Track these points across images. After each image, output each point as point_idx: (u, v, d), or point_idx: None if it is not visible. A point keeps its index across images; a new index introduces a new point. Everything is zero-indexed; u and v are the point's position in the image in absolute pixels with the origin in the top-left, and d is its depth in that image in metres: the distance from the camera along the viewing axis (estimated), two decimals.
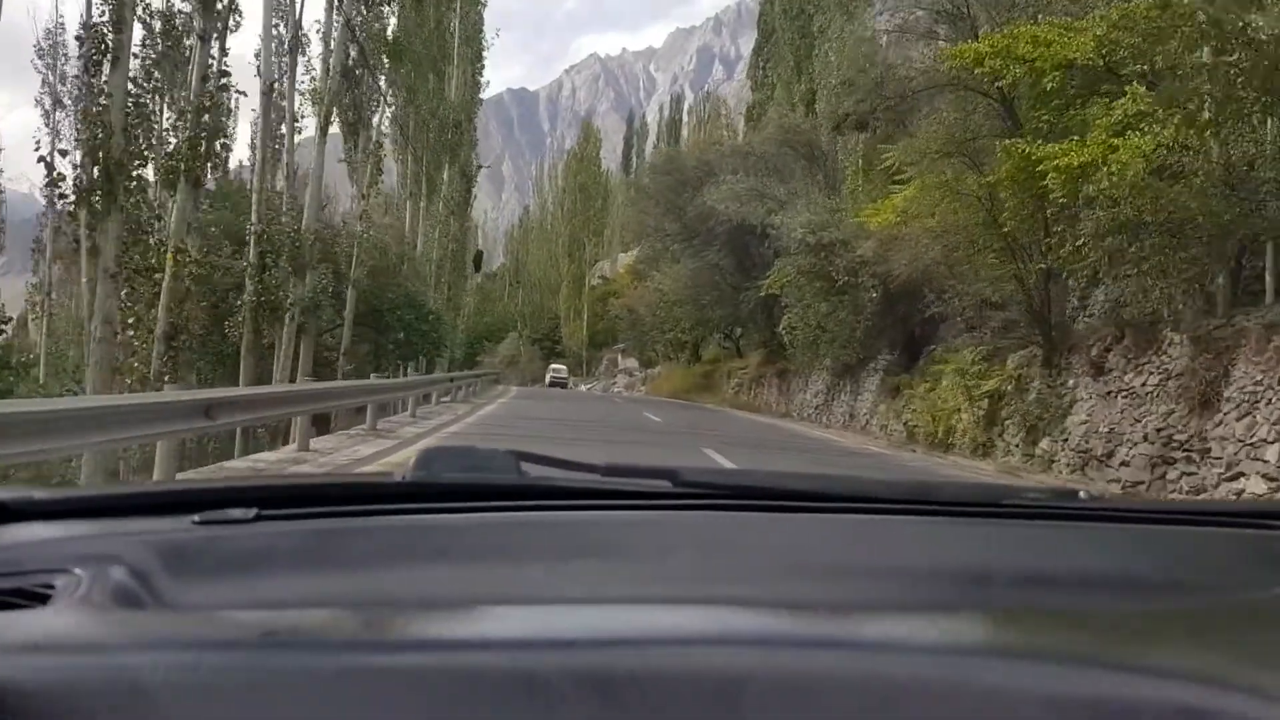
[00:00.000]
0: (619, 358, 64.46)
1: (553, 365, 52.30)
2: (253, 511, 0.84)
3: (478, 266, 42.40)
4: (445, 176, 27.14)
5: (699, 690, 0.53)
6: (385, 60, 19.30)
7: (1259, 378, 7.94)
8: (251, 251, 13.69)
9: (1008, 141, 10.08)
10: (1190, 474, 8.60)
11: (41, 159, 11.24)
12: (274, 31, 15.75)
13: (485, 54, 30.90)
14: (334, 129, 18.09)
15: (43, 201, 21.73)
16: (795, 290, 18.06)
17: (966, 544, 0.94)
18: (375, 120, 22.83)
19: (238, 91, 12.73)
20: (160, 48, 20.15)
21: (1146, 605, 0.79)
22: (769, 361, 28.09)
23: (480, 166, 47.87)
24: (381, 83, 21.26)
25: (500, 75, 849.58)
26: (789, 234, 16.45)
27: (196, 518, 0.83)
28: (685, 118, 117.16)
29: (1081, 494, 1.13)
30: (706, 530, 0.92)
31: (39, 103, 25.40)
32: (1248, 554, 0.98)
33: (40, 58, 26.25)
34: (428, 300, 22.32)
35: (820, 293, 16.64)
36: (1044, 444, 11.39)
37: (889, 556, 0.89)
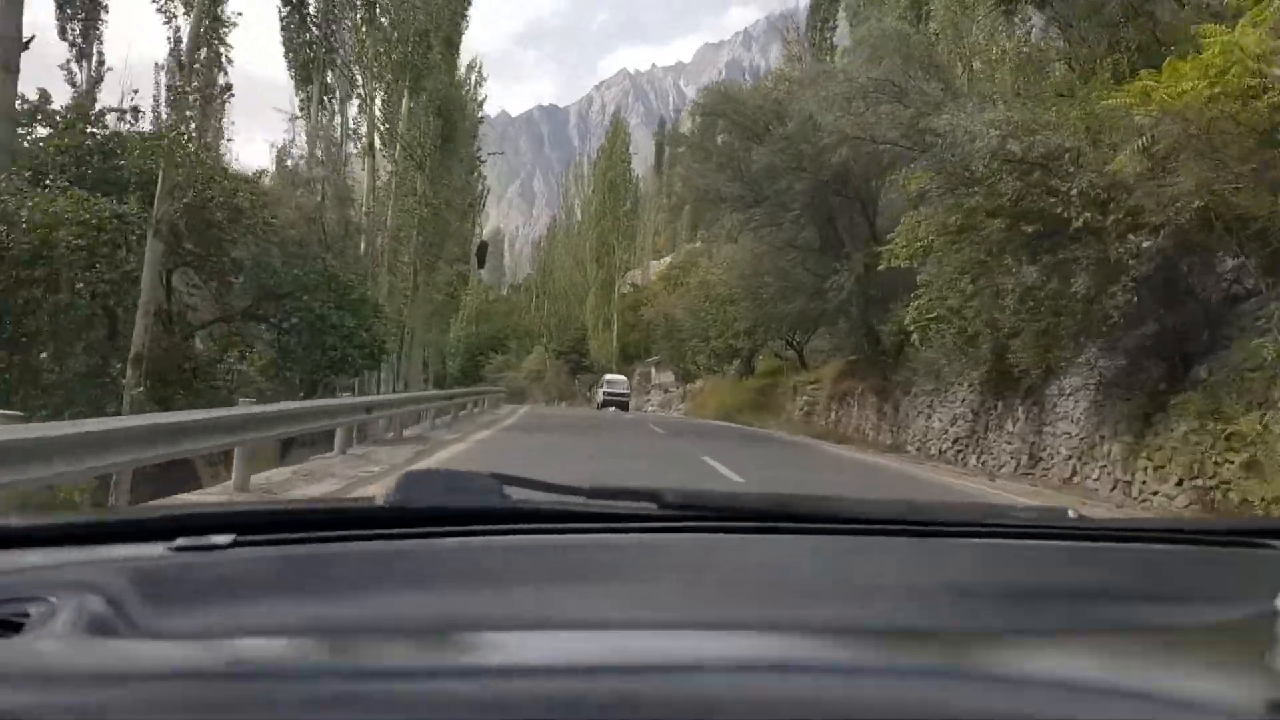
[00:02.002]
0: (652, 371, 57.76)
1: (607, 377, 40.34)
2: (230, 537, 0.83)
3: (481, 260, 35.68)
4: (404, 109, 19.94)
5: (679, 717, 0.53)
6: None
7: None
8: None
9: None
10: None
11: None
12: None
13: None
14: None
15: None
16: (949, 254, 10.97)
17: (954, 564, 0.94)
18: None
19: None
20: None
21: (1132, 624, 0.79)
22: (855, 373, 20.97)
23: (491, 153, 41.70)
24: None
25: (531, 92, 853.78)
26: (963, 147, 9.33)
27: (174, 544, 0.83)
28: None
29: (1070, 513, 1.14)
30: (693, 552, 0.91)
31: None
32: (1236, 572, 0.98)
33: None
34: (366, 287, 15.22)
35: (1023, 248, 9.49)
36: None
37: (877, 577, 0.88)
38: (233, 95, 14.32)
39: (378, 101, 18.91)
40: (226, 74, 13.11)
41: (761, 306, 22.45)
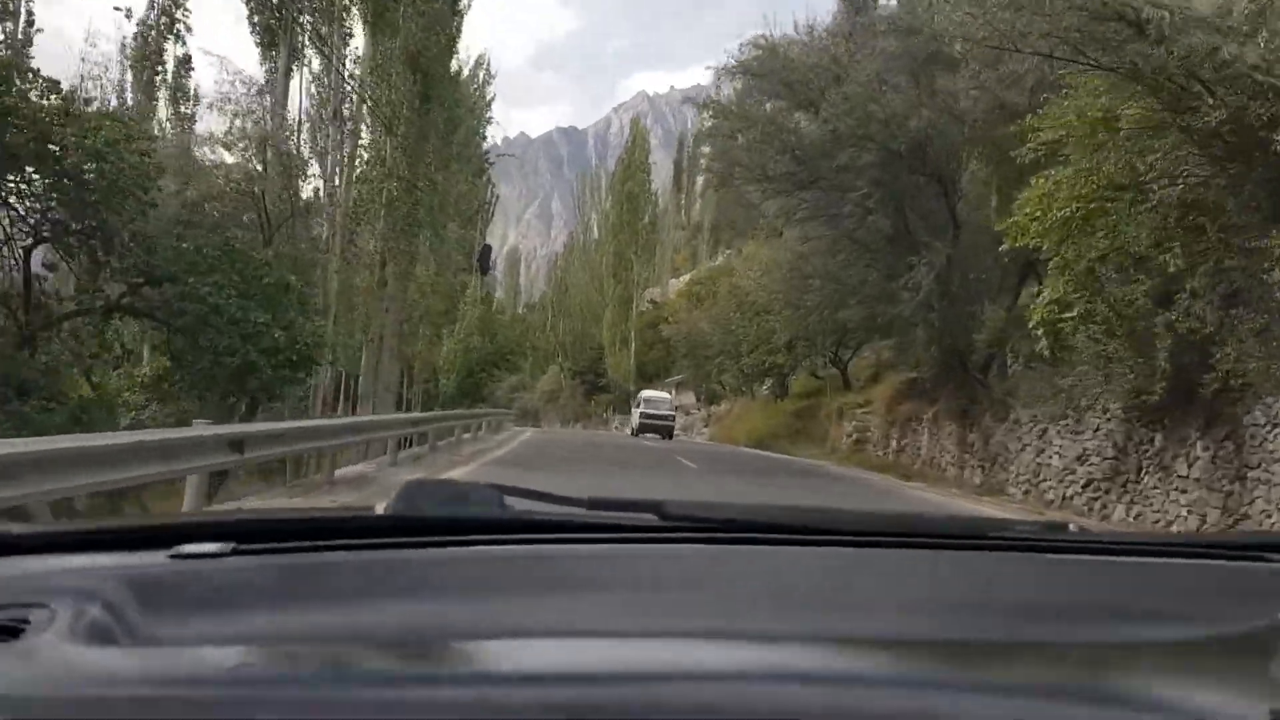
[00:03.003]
0: (673, 392, 54.23)
1: (645, 394, 30.89)
2: (229, 546, 0.83)
3: (484, 267, 32.54)
4: (367, 53, 15.83)
5: None
6: None
7: None
8: None
9: None
10: None
11: None
12: None
13: None
14: None
15: None
16: (1129, 219, 7.52)
17: (953, 577, 0.93)
18: None
19: None
20: None
21: (1133, 638, 0.79)
22: (921, 394, 17.48)
23: (501, 155, 38.68)
24: None
25: (550, 114, 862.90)
26: (1189, 42, 5.90)
27: (174, 552, 0.83)
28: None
29: (1072, 527, 1.14)
30: (692, 563, 0.91)
31: None
32: (1238, 587, 0.97)
33: None
34: (303, 274, 11.69)
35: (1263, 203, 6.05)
36: None
37: (878, 589, 0.88)
38: (193, 69, 11.55)
39: (347, 59, 15.70)
40: (184, 44, 10.35)
41: (806, 315, 18.97)
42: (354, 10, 15.80)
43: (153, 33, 16.26)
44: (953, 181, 14.69)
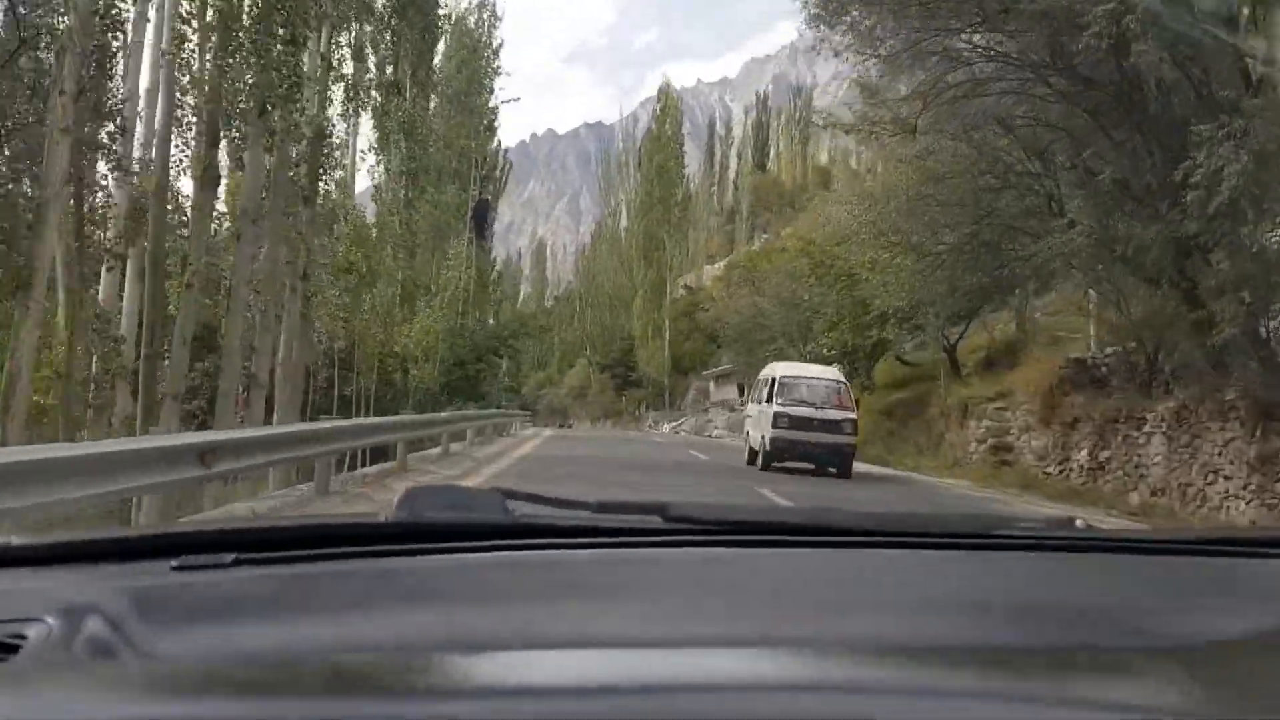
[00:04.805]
0: (711, 386, 48.40)
1: (780, 370, 13.62)
2: (230, 556, 0.82)
3: (480, 229, 26.73)
4: None
5: None
6: None
7: None
8: None
9: None
10: None
11: None
12: None
13: None
14: None
15: None
16: None
17: (959, 577, 0.93)
18: None
19: None
20: None
21: (1141, 638, 0.78)
22: (1090, 381, 11.28)
23: (506, 101, 32.90)
24: None
25: (577, 110, 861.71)
26: None
27: (174, 563, 0.82)
28: (773, 120, 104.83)
29: (1078, 523, 1.13)
30: (698, 567, 0.91)
31: None
32: (1244, 583, 0.96)
33: None
34: None
35: None
36: None
37: (881, 591, 0.88)
38: None
39: None
40: None
41: (933, 268, 12.75)
42: None
43: None
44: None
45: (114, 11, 10.26)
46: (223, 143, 11.93)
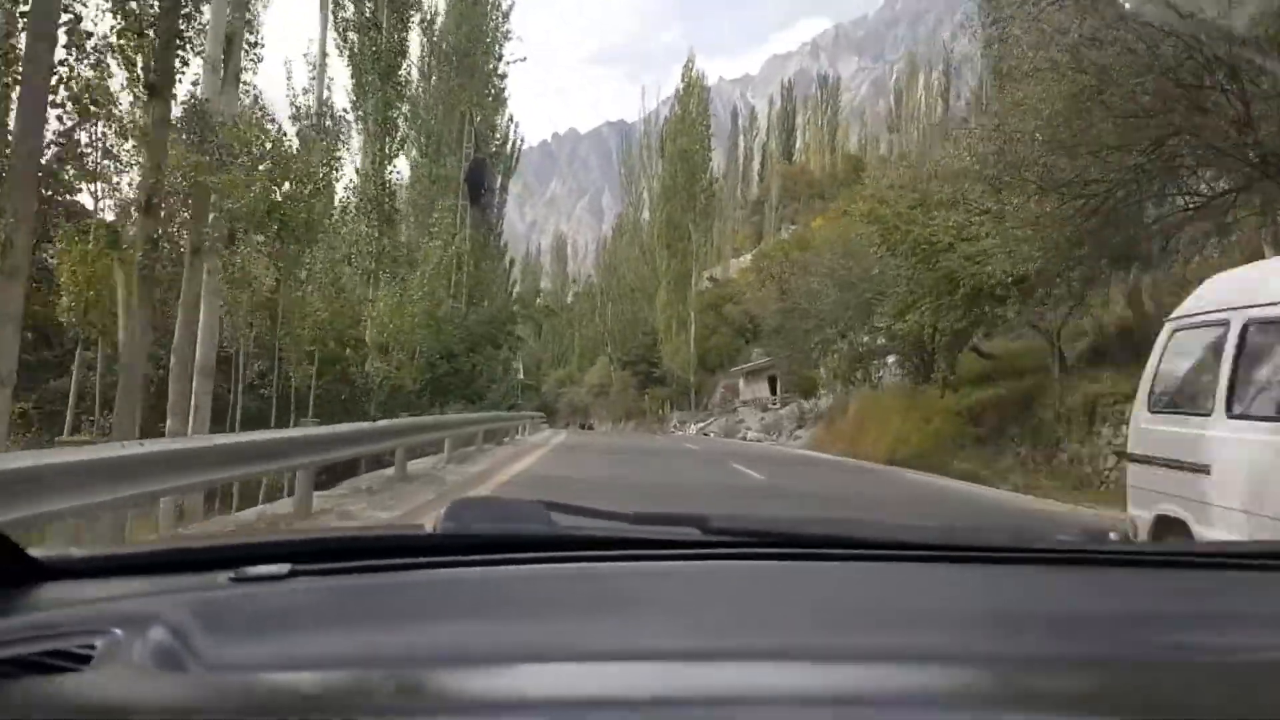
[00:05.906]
0: (741, 383, 44.47)
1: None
2: (286, 567, 0.84)
3: (474, 190, 23.08)
4: None
5: None
6: None
7: None
8: None
9: None
10: None
11: None
12: None
13: None
14: None
15: None
16: None
17: (998, 591, 0.93)
18: None
19: None
20: None
21: (1179, 651, 0.78)
22: None
23: (513, 60, 29.32)
24: None
25: (600, 109, 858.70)
26: None
27: (232, 574, 0.83)
28: (799, 107, 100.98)
29: (1112, 536, 1.18)
30: (737, 580, 0.92)
31: None
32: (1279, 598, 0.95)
33: None
34: None
35: None
36: None
37: (921, 604, 0.88)
38: None
39: None
40: None
41: (1089, 207, 8.84)
42: None
43: None
44: None
45: None
46: None
